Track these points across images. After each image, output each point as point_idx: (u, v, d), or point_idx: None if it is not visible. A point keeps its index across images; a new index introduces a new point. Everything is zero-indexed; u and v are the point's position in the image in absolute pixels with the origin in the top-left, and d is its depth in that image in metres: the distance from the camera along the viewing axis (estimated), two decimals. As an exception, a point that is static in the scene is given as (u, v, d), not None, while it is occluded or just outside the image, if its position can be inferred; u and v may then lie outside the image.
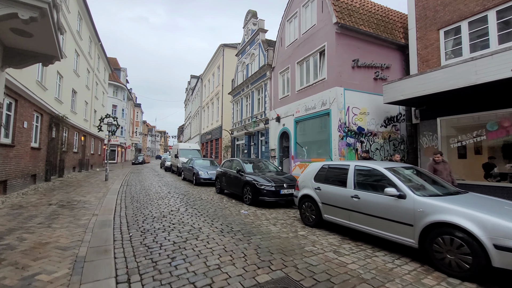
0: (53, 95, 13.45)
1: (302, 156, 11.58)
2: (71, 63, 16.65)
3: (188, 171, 14.39)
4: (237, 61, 20.05)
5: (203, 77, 31.34)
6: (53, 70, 13.25)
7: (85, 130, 20.97)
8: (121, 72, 45.32)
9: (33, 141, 11.07)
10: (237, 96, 19.47)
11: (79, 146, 19.88)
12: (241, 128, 18.50)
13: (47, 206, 7.05)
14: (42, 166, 12.10)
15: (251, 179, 7.88)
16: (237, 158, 9.79)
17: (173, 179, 16.38)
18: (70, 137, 17.24)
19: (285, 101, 13.12)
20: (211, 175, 12.77)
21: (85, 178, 15.26)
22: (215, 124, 24.78)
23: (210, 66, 27.72)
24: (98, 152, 27.42)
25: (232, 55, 23.59)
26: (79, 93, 18.83)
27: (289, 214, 6.81)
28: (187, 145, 20.74)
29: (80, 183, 12.95)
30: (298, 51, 12.13)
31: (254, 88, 16.58)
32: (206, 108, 29.16)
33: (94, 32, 22.01)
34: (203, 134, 30.07)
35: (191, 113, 41.41)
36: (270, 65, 14.59)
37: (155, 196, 9.45)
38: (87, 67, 21.16)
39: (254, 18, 17.52)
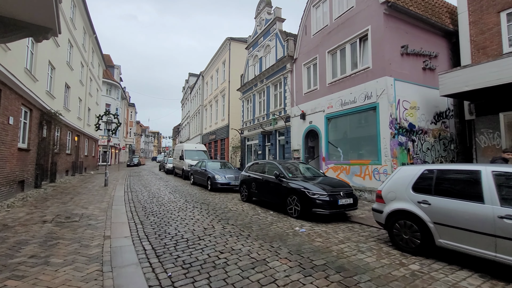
0: (44, 88, 11.63)
1: (336, 158, 10.15)
2: (64, 55, 14.81)
3: (200, 175, 12.77)
4: (247, 54, 18.52)
5: (205, 74, 29.67)
6: (44, 59, 11.45)
7: (79, 129, 19.05)
8: (114, 69, 43.13)
9: (20, 140, 9.28)
10: (248, 92, 17.95)
11: (73, 147, 17.95)
12: (254, 127, 16.97)
13: (41, 225, 5.37)
14: (31, 171, 10.29)
15: (299, 187, 6.37)
16: (271, 161, 8.26)
17: (181, 183, 14.71)
18: (63, 137, 15.36)
19: (311, 96, 11.68)
20: (229, 180, 11.21)
21: (81, 183, 13.44)
22: (221, 123, 23.17)
23: (213, 62, 26.10)
24: (92, 154, 25.39)
25: (240, 50, 22.05)
26: (72, 89, 16.96)
27: (359, 233, 5.34)
28: (193, 145, 19.06)
29: (77, 189, 11.17)
30: (329, 38, 10.72)
31: (270, 83, 15.09)
32: (208, 106, 27.50)
33: (89, 23, 20.12)
34: (205, 134, 28.36)
35: (189, 112, 39.60)
36: (291, 56, 13.14)
37: (172, 207, 7.83)
38: (81, 60, 19.27)
39: (268, 7, 16.07)
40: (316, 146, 12.24)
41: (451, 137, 9.62)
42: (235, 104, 21.33)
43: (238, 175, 11.60)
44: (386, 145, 8.05)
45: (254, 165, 8.86)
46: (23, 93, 8.95)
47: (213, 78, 26.26)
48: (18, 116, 8.83)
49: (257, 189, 8.08)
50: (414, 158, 8.45)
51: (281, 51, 14.22)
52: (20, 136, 9.20)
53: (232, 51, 21.76)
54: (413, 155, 8.44)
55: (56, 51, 13.34)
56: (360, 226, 5.85)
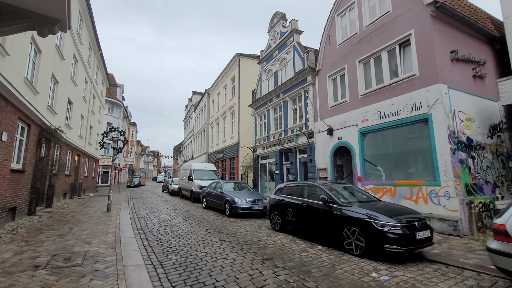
0: (45, 102, 10.56)
1: (376, 177, 8.89)
2: (68, 69, 13.94)
3: (215, 198, 11.39)
4: (260, 69, 17.78)
5: (211, 91, 29.00)
6: (47, 71, 10.48)
7: (80, 148, 17.82)
8: (117, 88, 42.76)
9: (14, 160, 8.02)
10: (261, 108, 16.98)
11: (72, 167, 16.61)
12: (269, 145, 15.81)
13: (32, 272, 4.00)
14: (25, 195, 8.93)
15: (361, 216, 5.07)
16: (312, 183, 6.97)
17: (192, 207, 13.26)
18: (63, 156, 14.10)
19: (340, 109, 10.64)
20: (250, 203, 9.85)
21: (80, 208, 11.99)
22: (229, 141, 22.03)
23: (221, 79, 25.46)
24: (91, 175, 23.96)
25: (249, 65, 21.44)
26: (75, 105, 15.95)
27: (462, 281, 3.99)
28: (202, 165, 17.76)
29: (76, 216, 9.74)
30: (359, 47, 9.87)
31: (287, 97, 14.15)
32: (215, 124, 26.51)
33: (95, 39, 19.56)
34: (211, 153, 27.13)
35: (193, 131, 38.62)
36: (312, 68, 12.28)
37: (193, 239, 6.44)
38: (85, 76, 18.46)
39: (283, 20, 15.52)
40: (345, 164, 11.02)
41: (507, 153, 8.46)
42: (246, 121, 20.32)
43: (261, 198, 10.27)
44: (445, 162, 6.85)
45: (287, 187, 7.56)
46: (21, 106, 7.83)
47: (220, 95, 25.49)
48: (14, 132, 7.64)
49: (295, 216, 6.73)
50: (476, 178, 7.22)
51: (299, 63, 13.41)
52: (14, 156, 7.96)
53: (242, 66, 21.12)
54: (475, 174, 7.22)
55: (61, 64, 12.44)
56: (449, 268, 4.49)
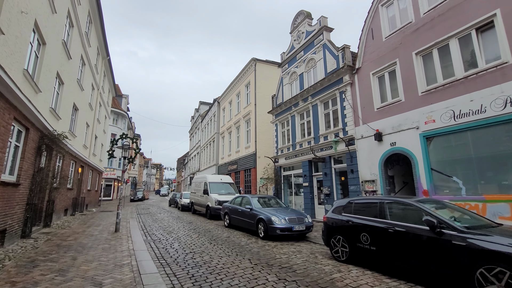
0: (48, 104, 9.10)
1: (452, 191, 7.21)
2: (75, 70, 12.62)
3: (242, 216, 9.68)
4: (281, 73, 16.45)
5: (221, 100, 27.73)
6: (51, 67, 9.09)
7: (84, 159, 16.25)
8: (122, 98, 41.78)
9: (6, 171, 6.44)
10: (284, 114, 15.50)
11: (75, 180, 14.98)
12: (295, 154, 14.19)
13: None
14: (19, 214, 7.27)
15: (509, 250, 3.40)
16: (403, 199, 5.22)
17: (211, 225, 11.50)
18: (65, 167, 12.51)
19: (390, 111, 9.11)
20: (290, 223, 8.12)
21: (84, 227, 10.27)
22: (244, 151, 20.43)
23: (233, 86, 24.21)
24: (95, 188, 22.27)
25: (266, 71, 20.19)
26: (81, 111, 14.54)
27: None
28: (217, 177, 16.08)
29: (79, 238, 8.03)
30: (416, 37, 8.47)
31: (317, 100, 12.67)
32: (226, 134, 25.02)
33: (104, 43, 18.45)
34: (222, 165, 25.46)
35: (200, 142, 37.14)
36: (351, 66, 10.88)
37: (242, 278, 4.73)
38: (92, 82, 17.18)
39: (308, 19, 14.32)
40: (396, 175, 9.37)
41: None
42: (263, 129, 18.82)
43: (301, 216, 8.57)
44: None
45: (355, 204, 5.87)
46: (18, 103, 6.33)
47: (233, 103, 24.15)
48: (6, 135, 6.09)
49: (376, 244, 5.02)
50: None
51: (332, 63, 12.03)
52: (6, 165, 6.38)
53: (258, 72, 19.86)
54: None
55: (67, 63, 11.10)
56: None
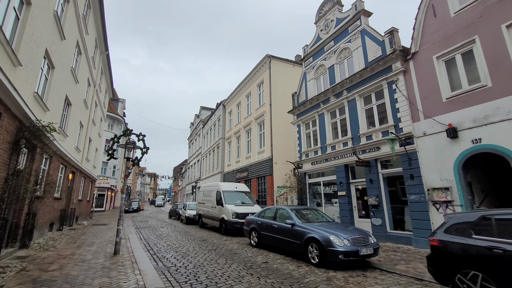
0: (32, 86, 7.00)
1: None
2: (69, 56, 10.59)
3: (280, 234, 7.57)
4: (304, 67, 14.68)
5: (228, 103, 25.82)
6: (38, 39, 7.05)
7: (76, 164, 13.96)
8: (119, 103, 39.58)
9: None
10: (308, 113, 13.61)
11: (64, 187, 12.64)
12: (324, 158, 12.21)
13: None
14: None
15: None
16: None
17: (233, 244, 9.29)
18: (53, 172, 10.25)
19: (470, 99, 7.29)
20: (356, 245, 6.06)
21: (72, 248, 7.96)
22: (257, 157, 18.36)
23: (242, 87, 22.37)
24: (86, 198, 19.75)
25: (281, 69, 18.46)
26: (74, 107, 12.39)
27: None
28: (231, 185, 13.90)
29: (65, 267, 5.78)
30: (504, 7, 6.77)
31: (356, 94, 10.84)
32: (233, 138, 22.98)
33: (103, 35, 16.51)
34: (229, 173, 23.27)
35: (201, 149, 34.95)
36: (403, 51, 9.14)
37: None
38: (88, 76, 15.10)
39: (339, 5, 12.70)
40: (474, 181, 7.45)
41: None
42: (280, 132, 16.88)
43: (365, 235, 6.52)
44: None
45: (491, 221, 3.85)
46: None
47: (242, 105, 22.25)
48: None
49: None
50: None
51: (375, 50, 10.30)
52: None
53: (273, 69, 18.10)
54: None
55: (60, 43, 9.08)
56: None
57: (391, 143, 8.68)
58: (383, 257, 7.07)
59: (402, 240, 8.52)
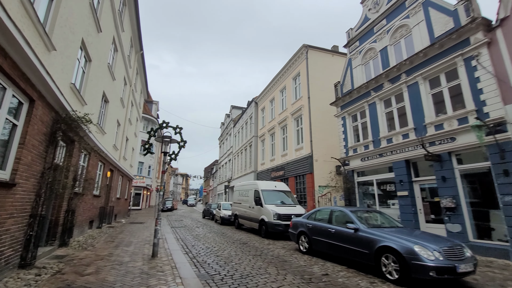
0: (68, 75, 6.62)
1: None
2: (105, 51, 10.36)
3: (339, 240, 6.37)
4: (349, 53, 13.24)
5: (260, 100, 24.94)
6: (75, 29, 6.67)
7: (114, 162, 13.94)
8: (153, 104, 40.66)
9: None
10: (355, 104, 12.14)
11: (103, 185, 12.59)
12: (378, 153, 10.69)
13: None
14: (14, 232, 4.55)
15: None
16: None
17: (279, 249, 8.26)
18: (92, 168, 10.06)
19: None
20: (452, 259, 4.66)
21: (110, 248, 7.47)
22: (294, 154, 17.17)
23: (276, 81, 21.33)
24: (124, 196, 20.06)
25: (319, 59, 17.09)
26: (111, 105, 12.27)
27: None
28: (270, 183, 12.90)
29: (102, 271, 5.14)
30: None
31: (419, 77, 9.21)
32: (267, 136, 22.00)
33: (138, 34, 16.52)
34: (262, 172, 22.34)
35: (232, 148, 34.54)
36: (485, 19, 7.42)
37: None
38: (124, 75, 15.10)
39: (392, -21, 11.10)
40: None
41: None
42: (321, 127, 15.53)
43: (459, 247, 5.07)
44: None
45: None
46: (9, 44, 3.72)
47: (276, 101, 21.19)
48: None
49: None
50: None
51: (444, 22, 8.63)
52: None
53: (310, 60, 16.80)
54: None
55: (96, 36, 8.78)
56: None
57: (478, 131, 6.99)
58: (477, 273, 5.54)
59: (492, 253, 6.82)
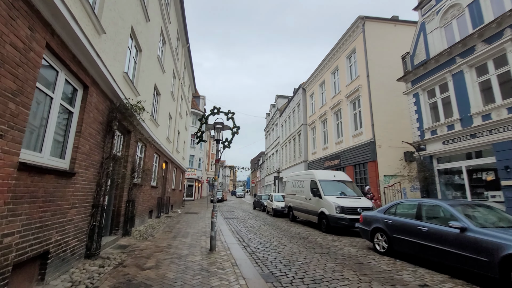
0: (121, 65, 6.45)
1: None
2: (155, 40, 10.26)
3: (437, 242, 5.04)
4: (421, 17, 11.09)
5: (308, 85, 23.39)
6: (125, 15, 6.44)
7: (168, 154, 14.26)
8: (200, 99, 41.80)
9: (45, 148, 3.51)
10: (432, 76, 10.08)
11: (159, 176, 12.94)
12: (469, 133, 8.66)
13: None
14: (78, 222, 4.37)
15: None
16: None
17: (349, 247, 7.18)
18: (148, 160, 10.21)
19: None
20: None
21: (169, 239, 7.29)
22: (352, 141, 15.51)
23: (326, 63, 19.58)
24: (179, 187, 20.88)
25: (378, 32, 14.93)
26: (162, 97, 12.35)
27: None
28: (329, 173, 11.69)
29: (162, 265, 4.77)
30: None
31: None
32: (318, 123, 20.50)
33: (183, 27, 16.50)
34: (314, 161, 21.02)
35: (279, 138, 33.65)
36: None
37: None
38: (173, 68, 15.22)
39: None
40: None
41: None
42: (384, 108, 13.60)
43: None
44: None
45: None
46: (61, 29, 3.38)
47: (327, 84, 19.50)
48: (34, 69, 3.12)
49: None
50: None
51: None
52: (45, 138, 3.48)
53: (368, 34, 14.74)
54: None
55: (145, 25, 8.63)
56: None
57: None
58: None
59: None
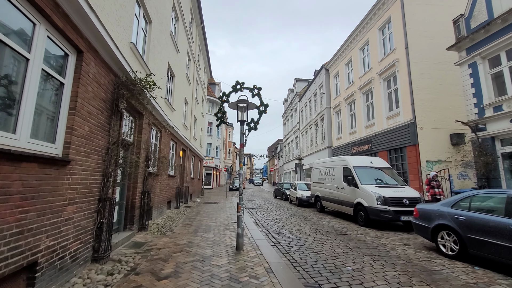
0: (127, 34, 5.40)
1: None
2: (167, 16, 9.15)
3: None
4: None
5: (332, 65, 21.56)
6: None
7: (185, 141, 13.43)
8: (215, 86, 40.75)
9: (25, 129, 2.60)
10: (495, 41, 8.30)
11: (177, 165, 12.17)
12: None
13: None
14: (79, 220, 3.48)
15: None
16: None
17: (402, 247, 6.02)
18: (164, 147, 9.35)
19: None
20: None
21: (189, 235, 6.39)
22: (385, 123, 13.90)
23: (354, 38, 17.67)
24: (197, 176, 20.26)
25: None
26: (177, 79, 11.35)
27: None
28: (364, 159, 10.36)
29: (182, 271, 3.81)
30: None
31: None
32: (344, 106, 18.87)
33: (197, 4, 15.25)
34: (339, 147, 19.55)
35: (299, 124, 32.14)
36: None
37: None
38: (187, 49, 14.12)
39: None
40: None
41: None
42: (426, 84, 11.87)
43: None
44: None
45: None
46: None
47: (354, 62, 17.69)
48: None
49: None
50: None
51: None
52: (21, 115, 2.54)
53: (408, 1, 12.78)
54: None
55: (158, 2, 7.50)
56: None
57: None
58: None
59: None
